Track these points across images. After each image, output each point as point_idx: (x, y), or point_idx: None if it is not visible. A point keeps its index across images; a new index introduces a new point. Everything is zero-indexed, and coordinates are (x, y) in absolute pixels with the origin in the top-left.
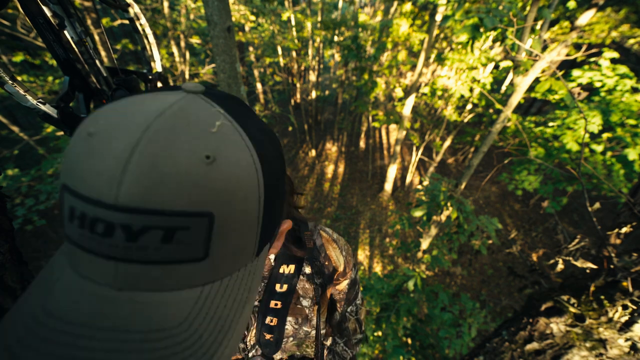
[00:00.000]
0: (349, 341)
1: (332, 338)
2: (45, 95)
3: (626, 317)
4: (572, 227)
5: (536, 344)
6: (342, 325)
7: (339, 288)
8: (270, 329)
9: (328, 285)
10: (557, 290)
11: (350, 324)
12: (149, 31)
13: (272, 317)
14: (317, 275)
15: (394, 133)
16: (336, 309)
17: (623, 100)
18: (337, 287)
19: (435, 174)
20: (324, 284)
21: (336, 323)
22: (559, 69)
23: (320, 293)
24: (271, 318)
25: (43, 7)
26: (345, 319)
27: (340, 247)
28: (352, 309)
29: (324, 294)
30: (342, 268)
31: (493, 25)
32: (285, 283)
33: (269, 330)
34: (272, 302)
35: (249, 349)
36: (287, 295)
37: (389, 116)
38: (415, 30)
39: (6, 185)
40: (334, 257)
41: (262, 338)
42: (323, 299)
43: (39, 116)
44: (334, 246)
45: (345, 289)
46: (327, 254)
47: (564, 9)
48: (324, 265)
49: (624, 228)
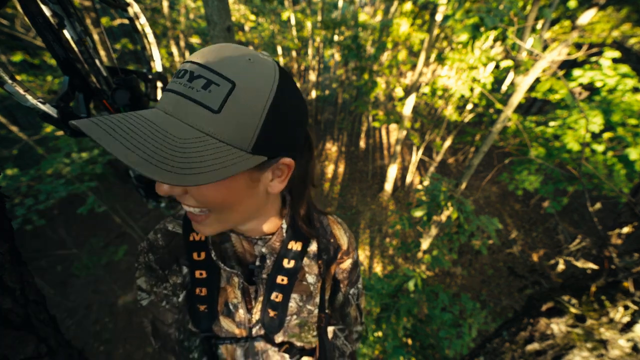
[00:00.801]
0: (349, 335)
1: (333, 331)
2: (45, 95)
3: (627, 318)
4: (572, 227)
5: (537, 345)
6: (344, 309)
7: (342, 267)
8: (274, 306)
9: (333, 262)
10: (557, 291)
11: (351, 310)
12: (149, 31)
13: (278, 292)
14: (323, 252)
15: (394, 133)
16: (339, 290)
17: (624, 100)
18: (340, 266)
19: (436, 174)
20: (329, 261)
21: (339, 306)
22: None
23: (325, 270)
24: (277, 294)
25: (42, 6)
26: (348, 303)
27: (344, 229)
28: (354, 291)
29: (328, 270)
30: (345, 247)
31: (493, 25)
32: (292, 259)
33: (273, 307)
34: (279, 277)
35: (254, 324)
36: (294, 271)
37: (389, 116)
38: (416, 30)
39: (5, 185)
40: (339, 235)
41: (266, 316)
42: (328, 275)
43: (38, 116)
44: (338, 227)
45: (348, 268)
46: (332, 233)
47: (565, 9)
48: (329, 243)
49: (625, 228)
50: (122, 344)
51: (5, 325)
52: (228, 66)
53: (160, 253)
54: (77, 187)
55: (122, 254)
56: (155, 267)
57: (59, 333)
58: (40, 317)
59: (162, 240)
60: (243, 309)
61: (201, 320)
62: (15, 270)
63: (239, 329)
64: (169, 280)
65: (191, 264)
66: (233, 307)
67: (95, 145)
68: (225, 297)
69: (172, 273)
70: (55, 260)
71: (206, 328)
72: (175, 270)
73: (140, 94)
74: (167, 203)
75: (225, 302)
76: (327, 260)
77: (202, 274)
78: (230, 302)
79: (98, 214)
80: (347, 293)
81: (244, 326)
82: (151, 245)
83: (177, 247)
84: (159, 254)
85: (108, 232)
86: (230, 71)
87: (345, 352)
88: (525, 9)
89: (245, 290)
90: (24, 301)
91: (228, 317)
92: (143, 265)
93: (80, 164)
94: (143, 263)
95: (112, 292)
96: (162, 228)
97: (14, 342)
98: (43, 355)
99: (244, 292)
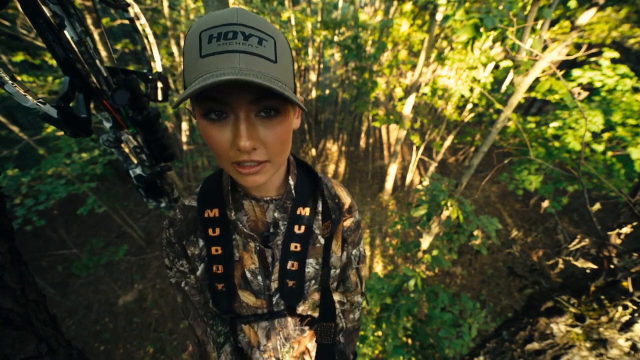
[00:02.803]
0: (346, 311)
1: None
2: (45, 96)
3: (626, 317)
4: (572, 227)
5: (536, 344)
6: (345, 271)
7: (346, 224)
8: (292, 275)
9: (339, 221)
10: (557, 290)
11: (352, 274)
12: (149, 31)
13: (293, 261)
14: (332, 211)
15: (394, 133)
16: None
17: (624, 100)
18: (344, 223)
19: (436, 174)
20: (337, 220)
21: (342, 266)
22: (559, 68)
23: (334, 227)
24: (292, 262)
25: (43, 7)
26: (349, 264)
27: (347, 192)
28: (355, 252)
29: (336, 227)
30: (348, 205)
31: (493, 25)
32: (303, 224)
33: (290, 276)
34: (292, 244)
35: (273, 292)
36: (306, 236)
37: (389, 116)
38: (416, 30)
39: (6, 185)
40: (342, 195)
41: (285, 286)
42: (337, 233)
43: (38, 116)
44: (341, 189)
45: (351, 226)
46: (336, 194)
47: (565, 9)
48: (335, 203)
49: (624, 228)
50: (122, 344)
51: (5, 325)
52: (263, 24)
53: (178, 225)
54: (77, 188)
55: (122, 254)
56: (174, 241)
57: (59, 333)
58: (41, 316)
59: (180, 214)
60: (261, 276)
61: (221, 300)
62: (16, 270)
63: (258, 300)
64: (186, 256)
65: (207, 239)
66: (251, 274)
67: (95, 146)
68: (242, 268)
69: (190, 244)
70: (56, 260)
71: (226, 307)
72: (193, 241)
73: (140, 94)
74: (167, 203)
75: (242, 274)
76: (335, 219)
77: (218, 250)
78: (248, 269)
79: (98, 214)
80: (350, 253)
81: (263, 295)
82: (171, 221)
83: (193, 220)
84: (177, 226)
85: (108, 232)
86: (267, 28)
87: (338, 325)
88: (525, 9)
89: (262, 255)
90: (24, 301)
91: (246, 289)
92: (165, 242)
93: (80, 164)
94: (165, 239)
95: (112, 292)
96: (180, 204)
97: (15, 342)
98: (43, 354)
99: (261, 256)
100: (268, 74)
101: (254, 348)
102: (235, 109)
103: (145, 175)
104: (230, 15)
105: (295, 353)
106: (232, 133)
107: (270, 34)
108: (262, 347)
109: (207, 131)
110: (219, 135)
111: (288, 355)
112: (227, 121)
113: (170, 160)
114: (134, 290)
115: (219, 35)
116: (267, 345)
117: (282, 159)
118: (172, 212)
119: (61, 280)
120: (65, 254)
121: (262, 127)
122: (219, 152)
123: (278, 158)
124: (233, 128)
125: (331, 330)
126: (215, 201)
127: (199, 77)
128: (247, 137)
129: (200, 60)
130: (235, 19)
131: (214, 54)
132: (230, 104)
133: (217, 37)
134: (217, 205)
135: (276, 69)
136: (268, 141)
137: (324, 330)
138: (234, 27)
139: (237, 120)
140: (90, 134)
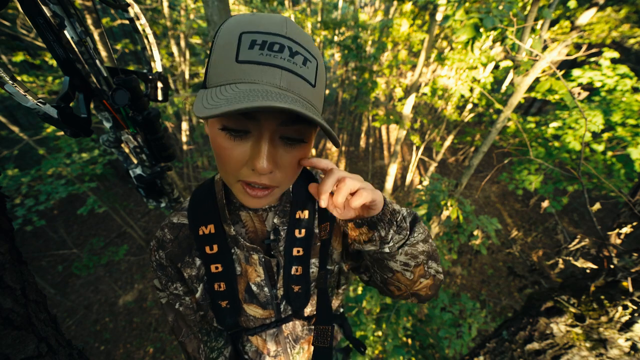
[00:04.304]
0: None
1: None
2: (46, 96)
3: (626, 317)
4: (572, 226)
5: (536, 344)
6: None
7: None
8: (297, 280)
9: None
10: (557, 290)
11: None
12: (149, 31)
13: (297, 266)
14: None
15: (394, 133)
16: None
17: (624, 100)
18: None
19: (436, 174)
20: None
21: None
22: (559, 68)
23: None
24: (296, 267)
25: (43, 7)
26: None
27: None
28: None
29: (334, 226)
30: None
31: (493, 25)
32: (303, 228)
33: (296, 282)
34: (295, 249)
35: (280, 299)
36: (307, 240)
37: (389, 116)
38: (416, 30)
39: (6, 185)
40: None
41: (291, 292)
42: (336, 230)
43: (39, 116)
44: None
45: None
46: None
47: (565, 9)
48: None
49: (624, 228)
50: (122, 344)
51: (5, 325)
52: (310, 42)
53: (169, 247)
54: (77, 188)
55: (122, 254)
56: (166, 265)
57: (59, 333)
58: (41, 316)
59: (169, 233)
60: (267, 287)
61: (225, 317)
62: (16, 270)
63: (266, 310)
64: (181, 279)
65: (204, 258)
66: (257, 287)
67: (95, 146)
68: (246, 282)
69: (185, 265)
70: (56, 260)
71: (232, 323)
72: (188, 262)
73: (140, 94)
74: (167, 203)
75: (246, 288)
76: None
77: (218, 268)
78: (253, 282)
79: (98, 214)
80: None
81: (271, 305)
82: (159, 242)
83: (186, 238)
84: (169, 248)
85: (108, 232)
86: (312, 48)
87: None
88: (525, 9)
89: (267, 266)
90: (24, 301)
91: (252, 303)
92: (155, 265)
93: (80, 164)
94: (154, 262)
95: (112, 292)
96: (167, 223)
97: (15, 342)
98: (43, 354)
99: (267, 267)
100: (306, 98)
101: (262, 355)
102: (262, 128)
103: (146, 175)
104: (279, 25)
105: (307, 354)
106: (250, 151)
107: (314, 55)
108: (272, 352)
109: (221, 142)
110: (235, 150)
111: (299, 356)
112: (247, 137)
113: (171, 160)
114: (134, 290)
115: (264, 44)
116: (277, 350)
117: (290, 184)
118: (159, 232)
119: (61, 280)
120: (65, 254)
121: (283, 151)
122: (229, 167)
123: (287, 184)
124: (253, 146)
125: (328, 333)
126: (209, 216)
127: (231, 82)
128: (268, 159)
129: (236, 64)
130: (284, 30)
131: (254, 63)
132: (260, 122)
133: (261, 45)
134: (212, 220)
135: (313, 93)
136: (285, 166)
137: (320, 334)
138: (282, 40)
139: (260, 139)
140: (90, 134)
